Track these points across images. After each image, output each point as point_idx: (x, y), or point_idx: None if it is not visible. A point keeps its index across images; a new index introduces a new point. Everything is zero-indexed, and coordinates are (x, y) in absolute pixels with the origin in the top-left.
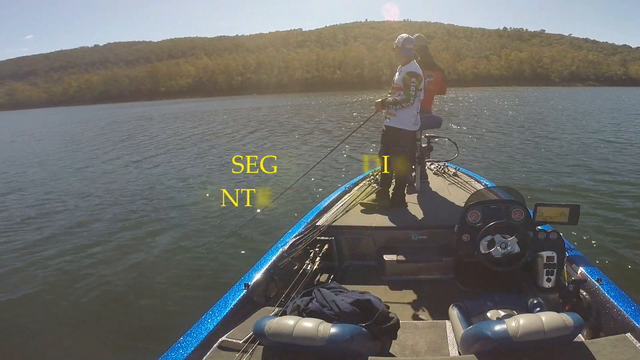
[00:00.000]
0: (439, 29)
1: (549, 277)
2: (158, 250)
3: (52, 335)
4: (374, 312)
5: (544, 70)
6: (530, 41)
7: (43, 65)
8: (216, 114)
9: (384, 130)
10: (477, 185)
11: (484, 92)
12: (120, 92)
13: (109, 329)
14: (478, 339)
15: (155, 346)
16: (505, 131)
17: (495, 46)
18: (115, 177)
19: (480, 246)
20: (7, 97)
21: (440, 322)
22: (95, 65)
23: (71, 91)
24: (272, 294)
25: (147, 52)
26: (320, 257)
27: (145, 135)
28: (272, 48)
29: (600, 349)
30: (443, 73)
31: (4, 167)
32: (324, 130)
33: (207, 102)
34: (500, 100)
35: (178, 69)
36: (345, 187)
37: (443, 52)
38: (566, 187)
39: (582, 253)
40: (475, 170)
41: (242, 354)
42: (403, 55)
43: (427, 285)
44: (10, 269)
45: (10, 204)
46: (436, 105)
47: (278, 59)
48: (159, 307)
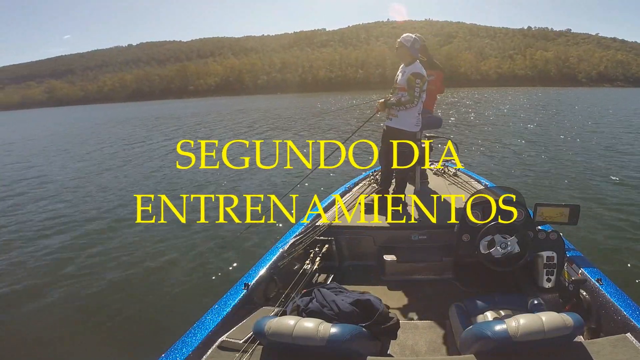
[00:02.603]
0: (461, 29)
1: (549, 277)
2: (158, 250)
3: (52, 336)
4: (373, 312)
5: (570, 70)
6: (555, 40)
7: (80, 64)
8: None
9: (384, 130)
10: (477, 186)
11: (495, 91)
12: (151, 90)
13: (109, 329)
14: (478, 339)
15: (155, 346)
16: (512, 131)
17: (519, 46)
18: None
19: (480, 246)
20: (47, 94)
21: (440, 322)
22: (128, 64)
23: (106, 89)
24: (272, 294)
25: (177, 52)
26: (320, 257)
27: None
28: (297, 47)
29: (600, 349)
30: (443, 72)
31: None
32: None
33: (236, 100)
34: (518, 99)
35: (206, 68)
36: (345, 187)
37: (465, 51)
38: (566, 187)
39: (582, 253)
40: (475, 171)
41: (242, 354)
42: (411, 54)
43: (427, 285)
44: (10, 269)
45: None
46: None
47: (302, 59)
48: (159, 307)
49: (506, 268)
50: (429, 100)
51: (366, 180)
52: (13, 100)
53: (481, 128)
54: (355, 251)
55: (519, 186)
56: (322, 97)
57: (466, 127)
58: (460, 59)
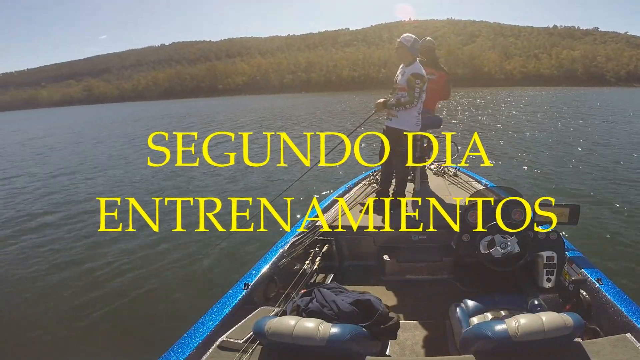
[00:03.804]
0: (484, 28)
1: (549, 277)
2: (158, 250)
3: (52, 336)
4: (373, 312)
5: (598, 69)
6: (582, 39)
7: (116, 63)
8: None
9: (384, 130)
10: (477, 186)
11: (512, 91)
12: (182, 89)
13: (109, 329)
14: (478, 339)
15: (156, 346)
16: (519, 131)
17: (544, 45)
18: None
19: (480, 246)
20: (85, 92)
21: (440, 322)
22: (161, 63)
23: (140, 88)
24: (272, 294)
25: (206, 51)
26: (320, 257)
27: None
28: (322, 47)
29: (600, 349)
30: (448, 76)
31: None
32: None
33: (264, 98)
34: (536, 100)
35: (234, 68)
36: (345, 187)
37: (489, 51)
38: (566, 187)
39: (582, 253)
40: (475, 171)
41: (242, 354)
42: (410, 54)
43: (427, 285)
44: (11, 268)
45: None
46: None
47: (327, 58)
48: (159, 307)
49: (506, 268)
50: (430, 101)
51: (366, 181)
52: (55, 98)
53: (495, 127)
54: (355, 251)
55: (519, 186)
56: (343, 96)
57: (478, 127)
58: (484, 58)
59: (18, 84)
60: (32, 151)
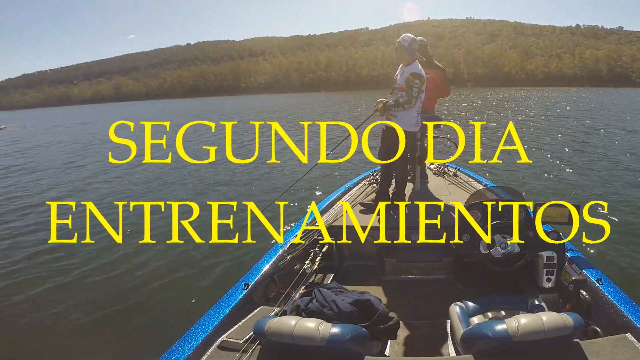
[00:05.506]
0: (504, 27)
1: (549, 277)
2: (158, 250)
3: (52, 336)
4: (373, 312)
5: (623, 69)
6: (606, 39)
7: (144, 62)
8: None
9: (384, 130)
10: (477, 186)
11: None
12: (206, 87)
13: (109, 329)
14: (478, 339)
15: (156, 346)
16: (520, 130)
17: (567, 44)
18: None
19: (480, 246)
20: (114, 90)
21: (440, 322)
22: (186, 62)
23: (165, 86)
24: (272, 294)
25: (230, 50)
26: (320, 257)
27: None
28: (341, 46)
29: (600, 349)
30: (444, 73)
31: None
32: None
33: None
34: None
35: (257, 67)
36: (345, 187)
37: (510, 50)
38: (567, 187)
39: (582, 253)
40: (475, 171)
41: (242, 354)
42: (408, 54)
43: (427, 285)
44: (11, 268)
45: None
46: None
47: (346, 57)
48: (159, 307)
49: (506, 268)
50: (428, 100)
51: (366, 181)
52: (86, 95)
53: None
54: (355, 251)
55: (518, 186)
56: (362, 95)
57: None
58: (504, 57)
59: (51, 81)
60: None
